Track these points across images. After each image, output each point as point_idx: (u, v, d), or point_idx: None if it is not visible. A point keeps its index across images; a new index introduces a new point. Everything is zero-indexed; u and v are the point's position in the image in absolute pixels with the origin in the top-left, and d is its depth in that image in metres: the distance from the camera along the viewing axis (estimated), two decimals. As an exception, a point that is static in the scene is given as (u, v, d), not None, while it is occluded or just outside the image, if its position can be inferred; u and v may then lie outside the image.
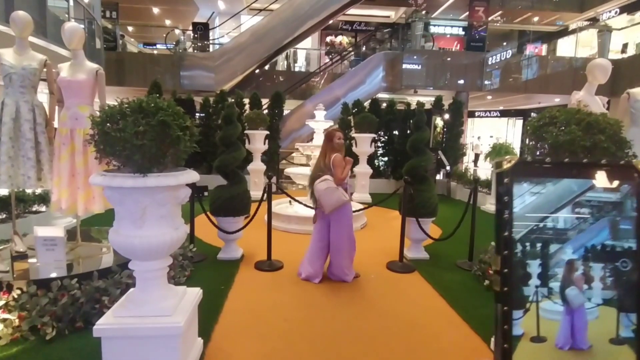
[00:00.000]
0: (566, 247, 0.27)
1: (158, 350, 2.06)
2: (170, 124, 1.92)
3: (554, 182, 0.28)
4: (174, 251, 2.21)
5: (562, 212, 0.29)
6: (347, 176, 3.71)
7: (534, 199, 0.27)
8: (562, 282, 0.27)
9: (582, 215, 0.29)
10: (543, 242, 0.27)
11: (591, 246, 0.28)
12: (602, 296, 0.27)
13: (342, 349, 2.62)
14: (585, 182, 0.29)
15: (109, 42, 12.89)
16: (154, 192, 1.97)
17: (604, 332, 0.27)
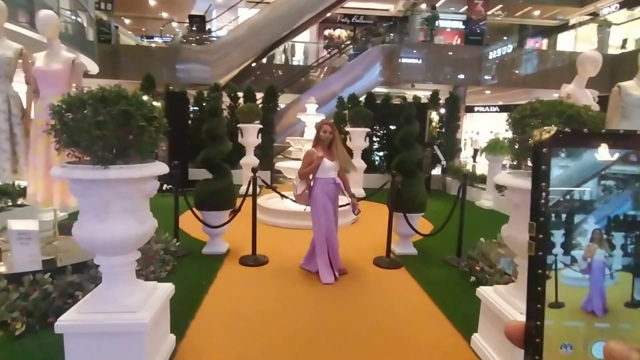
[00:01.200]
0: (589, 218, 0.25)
1: (122, 347, 2.00)
2: (134, 114, 1.84)
3: (584, 155, 0.26)
4: (141, 245, 2.14)
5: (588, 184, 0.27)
6: (309, 172, 3.53)
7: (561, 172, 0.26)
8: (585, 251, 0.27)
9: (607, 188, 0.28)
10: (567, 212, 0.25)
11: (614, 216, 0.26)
12: (622, 262, 0.26)
13: (320, 346, 2.56)
14: (613, 153, 0.27)
15: (105, 35, 12.77)
16: (117, 185, 1.90)
17: (621, 296, 0.26)
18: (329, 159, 3.54)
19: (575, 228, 0.33)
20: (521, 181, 2.09)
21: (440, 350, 2.60)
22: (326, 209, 3.60)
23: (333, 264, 3.67)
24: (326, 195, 3.58)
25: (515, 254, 2.36)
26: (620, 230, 0.34)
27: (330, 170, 3.56)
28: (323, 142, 3.54)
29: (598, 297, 0.33)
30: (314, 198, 3.58)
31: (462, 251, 4.25)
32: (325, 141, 3.54)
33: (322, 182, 3.57)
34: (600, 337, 0.32)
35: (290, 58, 16.42)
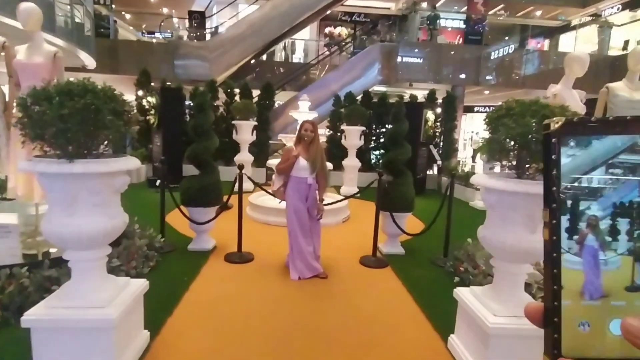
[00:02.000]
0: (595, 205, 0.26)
1: (90, 343, 1.99)
2: (100, 108, 1.82)
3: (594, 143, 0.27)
4: (112, 241, 2.13)
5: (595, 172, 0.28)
6: (285, 169, 3.51)
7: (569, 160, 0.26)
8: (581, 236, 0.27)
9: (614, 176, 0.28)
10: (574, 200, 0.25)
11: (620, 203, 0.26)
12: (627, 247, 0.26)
13: (295, 344, 2.55)
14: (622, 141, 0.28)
15: (105, 29, 12.77)
16: (85, 179, 1.88)
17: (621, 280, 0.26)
18: (307, 159, 3.51)
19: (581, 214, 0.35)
20: (495, 182, 2.07)
21: (416, 350, 2.58)
22: (297, 207, 3.56)
23: (298, 262, 3.61)
24: (297, 194, 3.54)
25: (491, 254, 2.33)
26: (626, 216, 0.35)
27: (304, 170, 3.51)
28: (304, 141, 3.52)
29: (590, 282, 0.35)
30: (287, 195, 3.58)
31: (449, 251, 4.23)
32: (307, 140, 3.52)
33: (295, 181, 3.54)
34: (617, 314, 0.33)
35: (290, 55, 16.38)
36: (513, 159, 2.11)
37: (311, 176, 3.54)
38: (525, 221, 2.08)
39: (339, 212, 5.89)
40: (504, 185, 2.03)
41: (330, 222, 5.68)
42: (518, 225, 2.09)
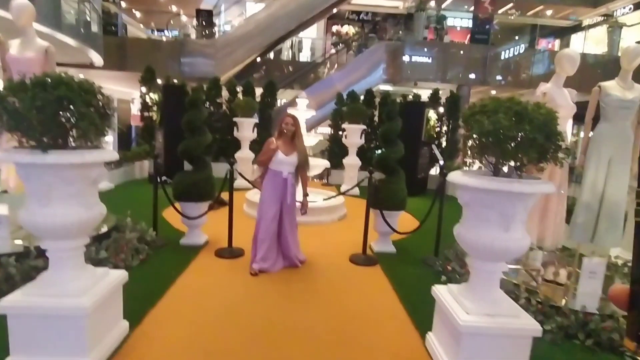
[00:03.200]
0: None
1: (64, 330, 2.03)
2: (74, 100, 1.86)
3: None
4: (89, 231, 2.17)
5: None
6: (263, 161, 3.54)
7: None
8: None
9: None
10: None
11: None
12: None
13: (272, 339, 2.56)
14: None
15: (113, 27, 12.95)
16: (59, 170, 1.92)
17: None
18: (285, 152, 3.51)
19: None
20: (468, 179, 2.05)
21: (393, 347, 2.57)
22: (270, 200, 3.56)
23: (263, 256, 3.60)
24: (272, 187, 3.55)
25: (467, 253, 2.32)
26: None
27: (282, 164, 3.52)
28: (285, 135, 3.53)
29: None
30: (263, 187, 3.60)
31: (439, 251, 4.20)
32: (287, 134, 3.52)
33: (272, 174, 3.56)
34: None
35: (297, 54, 16.40)
36: (490, 156, 2.10)
37: (288, 170, 3.54)
38: (499, 219, 2.06)
39: (335, 210, 5.89)
40: (476, 182, 2.02)
41: (326, 220, 5.69)
42: (492, 223, 2.08)
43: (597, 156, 3.20)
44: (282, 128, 3.52)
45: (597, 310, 2.84)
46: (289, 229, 3.69)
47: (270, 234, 3.60)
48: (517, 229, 2.08)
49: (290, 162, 3.52)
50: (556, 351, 2.62)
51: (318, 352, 2.46)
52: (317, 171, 6.39)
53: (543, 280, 3.38)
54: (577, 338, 2.70)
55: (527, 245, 2.13)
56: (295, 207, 3.71)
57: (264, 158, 3.52)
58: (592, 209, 3.24)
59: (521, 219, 2.09)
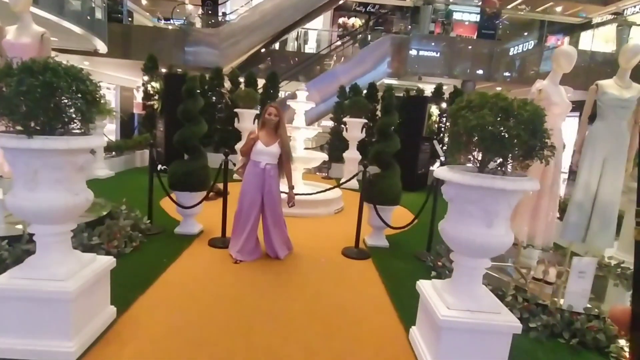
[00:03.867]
0: None
1: (49, 314, 2.07)
2: (59, 86, 1.87)
3: None
4: (75, 217, 2.19)
5: None
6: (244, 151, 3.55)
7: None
8: None
9: None
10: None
11: None
12: None
13: (256, 328, 2.59)
14: None
15: (118, 14, 12.92)
16: (45, 155, 1.94)
17: None
18: (265, 143, 3.49)
19: None
20: (452, 174, 2.04)
21: (377, 340, 2.59)
22: (247, 190, 3.56)
23: (239, 246, 3.64)
24: (252, 177, 3.54)
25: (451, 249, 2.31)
26: None
27: (261, 154, 3.50)
28: (268, 125, 3.51)
29: None
30: (244, 177, 3.60)
31: (432, 246, 4.21)
32: (269, 124, 3.51)
33: (252, 164, 3.56)
34: None
35: (303, 45, 16.30)
36: (476, 152, 2.08)
37: (267, 161, 3.52)
38: (482, 215, 2.05)
39: (332, 203, 5.91)
40: (460, 178, 2.01)
41: (322, 213, 5.71)
42: (475, 219, 2.07)
43: (591, 155, 3.17)
44: (265, 118, 3.51)
45: (583, 310, 2.84)
46: (271, 221, 3.66)
47: (247, 224, 3.59)
48: (500, 225, 2.07)
49: (270, 152, 3.49)
50: (539, 349, 2.62)
51: (301, 342, 2.48)
52: (314, 164, 6.39)
53: (532, 278, 3.37)
54: (562, 337, 2.70)
55: (509, 242, 2.12)
56: (278, 200, 3.68)
57: (245, 148, 3.53)
58: (585, 209, 3.22)
59: (505, 216, 2.09)
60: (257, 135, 3.48)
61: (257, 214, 3.60)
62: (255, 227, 3.65)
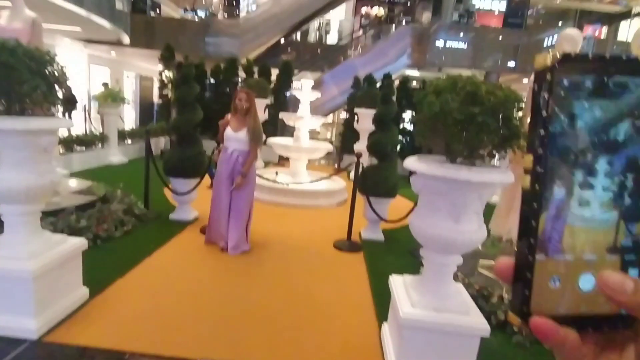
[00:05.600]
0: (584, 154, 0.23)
1: (12, 291, 2.11)
2: (16, 67, 1.87)
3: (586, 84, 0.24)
4: (42, 198, 2.22)
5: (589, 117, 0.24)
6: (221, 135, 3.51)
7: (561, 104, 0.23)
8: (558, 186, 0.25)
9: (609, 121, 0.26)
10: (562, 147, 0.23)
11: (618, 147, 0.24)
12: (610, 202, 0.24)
13: (226, 318, 2.56)
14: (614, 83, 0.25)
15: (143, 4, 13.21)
16: (5, 136, 1.96)
17: (603, 240, 0.24)
18: (235, 129, 3.43)
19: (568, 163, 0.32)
20: (419, 164, 1.91)
21: (347, 336, 2.50)
22: (220, 176, 3.51)
23: (214, 231, 3.64)
24: (223, 162, 3.49)
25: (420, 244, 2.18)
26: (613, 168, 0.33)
27: (230, 140, 3.45)
28: (239, 111, 3.43)
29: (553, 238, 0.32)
30: (218, 163, 3.57)
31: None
32: (241, 110, 3.43)
33: (224, 150, 3.52)
34: (588, 269, 0.32)
35: (324, 36, 16.13)
36: (445, 141, 1.94)
37: (234, 147, 3.45)
38: (450, 209, 1.91)
39: (334, 194, 5.81)
40: (426, 168, 1.88)
41: (324, 204, 5.63)
42: (442, 212, 1.93)
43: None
44: (235, 104, 3.43)
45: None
46: (233, 210, 3.54)
47: (220, 211, 3.55)
48: (469, 220, 1.92)
49: (238, 138, 3.42)
50: (520, 354, 2.45)
51: (266, 332, 2.43)
52: (318, 155, 6.30)
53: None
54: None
55: (480, 239, 1.97)
56: (246, 189, 3.55)
57: (219, 134, 3.51)
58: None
59: (475, 210, 1.93)
60: (228, 120, 3.43)
61: (229, 201, 3.55)
62: (227, 214, 3.58)
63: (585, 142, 0.32)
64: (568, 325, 0.32)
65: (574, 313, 0.33)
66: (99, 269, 2.94)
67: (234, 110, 3.44)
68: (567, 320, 0.32)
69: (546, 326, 0.31)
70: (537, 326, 0.31)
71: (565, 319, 0.32)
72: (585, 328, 0.33)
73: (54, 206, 3.59)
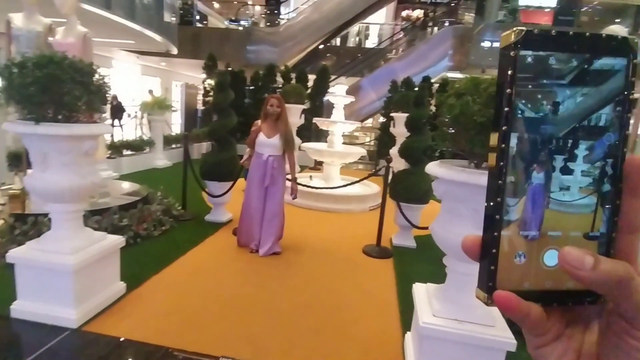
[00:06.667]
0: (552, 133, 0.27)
1: (54, 282, 2.30)
2: (61, 78, 2.05)
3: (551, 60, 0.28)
4: (84, 198, 2.40)
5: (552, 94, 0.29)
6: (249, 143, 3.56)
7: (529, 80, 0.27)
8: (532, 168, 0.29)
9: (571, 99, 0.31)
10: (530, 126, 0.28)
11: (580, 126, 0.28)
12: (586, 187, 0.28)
13: (248, 317, 2.62)
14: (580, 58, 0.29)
15: (189, 17, 13.95)
16: (53, 141, 2.15)
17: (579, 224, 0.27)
18: (268, 135, 3.48)
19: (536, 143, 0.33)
20: (440, 170, 1.86)
21: (369, 343, 2.47)
22: (252, 181, 3.57)
23: (245, 234, 3.72)
24: (255, 168, 3.54)
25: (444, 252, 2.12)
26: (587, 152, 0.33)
27: (264, 146, 3.50)
28: (270, 117, 3.48)
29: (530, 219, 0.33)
30: (249, 168, 3.62)
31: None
32: (272, 115, 3.47)
33: (255, 156, 3.56)
34: (552, 245, 0.33)
35: (364, 40, 16.10)
36: (466, 145, 1.87)
37: (269, 153, 3.50)
38: (472, 215, 1.84)
39: (367, 199, 5.76)
40: (447, 173, 1.82)
41: (356, 209, 5.60)
42: (464, 219, 1.87)
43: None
44: (266, 110, 3.49)
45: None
46: (268, 214, 3.63)
47: (252, 215, 3.63)
48: (494, 228, 1.83)
49: (272, 144, 3.48)
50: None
51: (287, 335, 2.45)
52: (352, 159, 6.28)
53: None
54: None
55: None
56: (281, 192, 3.64)
57: (249, 140, 3.57)
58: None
59: (500, 218, 1.84)
60: (260, 127, 3.51)
61: (262, 205, 3.63)
62: (261, 217, 3.67)
63: (549, 118, 0.32)
64: (535, 301, 0.32)
65: (540, 289, 0.33)
66: (137, 266, 3.12)
67: (264, 116, 3.52)
68: (533, 295, 0.32)
69: (508, 299, 0.32)
70: (499, 298, 0.32)
71: (531, 295, 0.32)
72: (550, 304, 0.33)
73: (101, 206, 3.87)
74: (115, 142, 7.04)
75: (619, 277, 0.29)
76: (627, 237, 0.33)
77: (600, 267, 0.29)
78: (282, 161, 3.58)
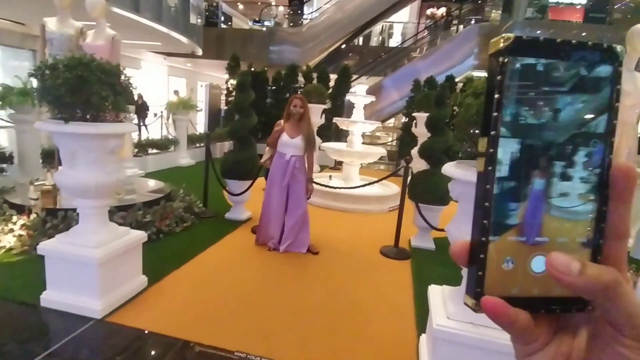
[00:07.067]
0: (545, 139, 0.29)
1: (81, 274, 2.41)
2: (89, 79, 2.15)
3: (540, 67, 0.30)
4: (110, 194, 2.51)
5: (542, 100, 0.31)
6: (270, 142, 3.61)
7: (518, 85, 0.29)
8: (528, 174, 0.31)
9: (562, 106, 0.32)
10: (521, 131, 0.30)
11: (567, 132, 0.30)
12: None
13: (262, 314, 2.66)
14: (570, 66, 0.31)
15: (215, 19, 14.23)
16: (79, 139, 2.26)
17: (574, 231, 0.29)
18: (291, 135, 3.50)
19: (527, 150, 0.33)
20: (455, 170, 1.84)
21: (382, 344, 2.46)
22: (273, 181, 3.61)
23: (264, 233, 3.77)
24: (277, 168, 3.57)
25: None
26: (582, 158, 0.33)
27: (287, 146, 3.52)
28: (293, 117, 3.51)
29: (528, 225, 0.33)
30: (270, 168, 3.65)
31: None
32: (295, 116, 3.50)
33: (277, 156, 3.59)
34: (540, 250, 0.33)
35: (387, 39, 15.96)
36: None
37: (292, 153, 3.53)
38: (489, 218, 1.81)
39: (386, 200, 5.72)
40: (462, 174, 1.80)
41: (374, 210, 5.57)
42: (480, 221, 1.83)
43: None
44: (290, 110, 3.52)
45: None
46: (290, 213, 3.68)
47: (271, 214, 3.67)
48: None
49: (295, 144, 3.51)
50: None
51: (299, 333, 2.48)
52: (371, 159, 6.26)
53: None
54: None
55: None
56: (303, 192, 3.68)
57: (271, 140, 3.60)
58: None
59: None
60: (283, 127, 3.54)
61: (283, 204, 3.67)
62: (282, 217, 3.72)
63: (536, 124, 0.32)
64: (523, 308, 0.32)
65: (528, 295, 0.33)
66: (159, 261, 3.22)
67: (287, 117, 3.56)
68: (521, 302, 0.32)
69: (496, 305, 0.31)
70: (487, 304, 0.32)
71: (519, 301, 0.32)
72: (539, 310, 0.33)
73: (127, 202, 4.02)
74: (142, 141, 7.27)
75: (606, 282, 0.29)
76: (614, 243, 0.33)
77: (587, 273, 0.29)
78: (304, 161, 3.63)
